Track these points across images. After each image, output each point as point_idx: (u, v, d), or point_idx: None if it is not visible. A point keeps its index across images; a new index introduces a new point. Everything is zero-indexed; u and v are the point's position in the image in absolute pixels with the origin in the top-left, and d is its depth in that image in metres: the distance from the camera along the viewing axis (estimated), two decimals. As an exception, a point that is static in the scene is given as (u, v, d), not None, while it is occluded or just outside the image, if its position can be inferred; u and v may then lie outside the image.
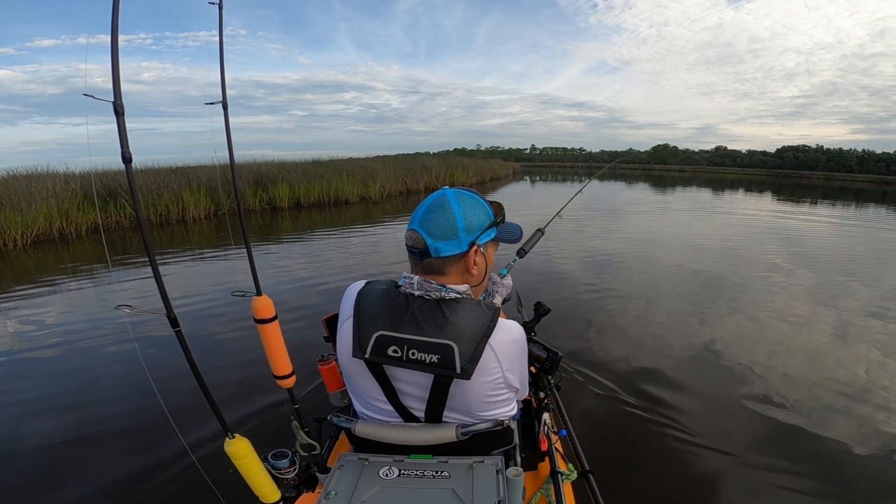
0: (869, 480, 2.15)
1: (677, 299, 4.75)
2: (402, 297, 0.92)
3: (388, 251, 7.01)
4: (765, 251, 7.42)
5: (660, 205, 15.87)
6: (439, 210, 0.93)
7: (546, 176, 37.60)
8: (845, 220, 12.72)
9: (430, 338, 0.86)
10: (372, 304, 0.93)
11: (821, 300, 4.82)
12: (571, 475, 1.29)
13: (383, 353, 0.89)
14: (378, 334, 0.89)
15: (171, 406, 2.30)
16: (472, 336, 0.87)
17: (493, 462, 0.96)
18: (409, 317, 0.88)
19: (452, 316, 0.88)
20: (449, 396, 0.92)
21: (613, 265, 6.12)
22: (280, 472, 1.14)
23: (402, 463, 0.97)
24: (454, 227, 0.92)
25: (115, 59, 0.75)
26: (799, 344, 3.67)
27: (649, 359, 3.30)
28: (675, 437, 2.40)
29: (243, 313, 3.70)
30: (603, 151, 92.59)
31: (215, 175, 10.10)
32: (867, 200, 21.08)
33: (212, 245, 7.67)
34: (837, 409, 2.71)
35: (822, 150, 68.11)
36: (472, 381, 0.89)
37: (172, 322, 0.92)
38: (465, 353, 0.86)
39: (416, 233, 0.93)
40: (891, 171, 55.67)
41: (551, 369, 1.45)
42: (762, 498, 2.03)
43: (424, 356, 0.86)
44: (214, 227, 9.25)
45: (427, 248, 0.92)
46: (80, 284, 5.25)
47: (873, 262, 7.06)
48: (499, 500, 0.87)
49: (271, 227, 9.41)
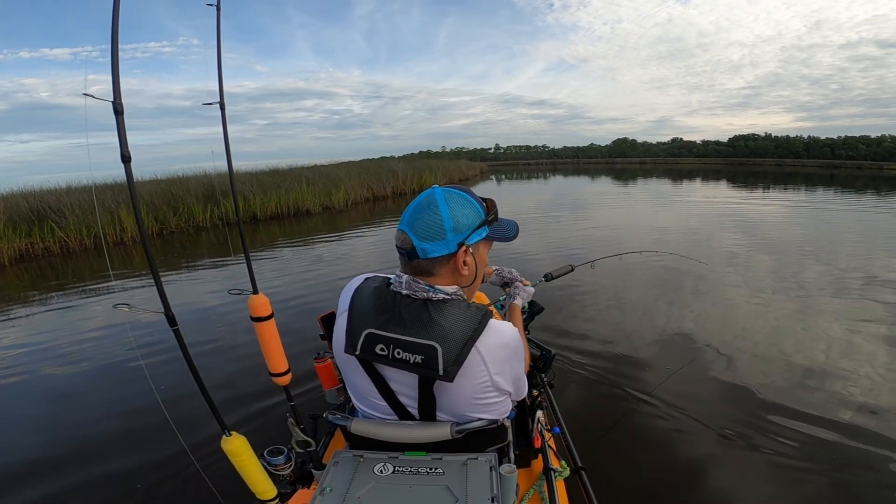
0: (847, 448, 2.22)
1: (644, 288, 4.84)
2: (390, 296, 0.92)
3: (356, 262, 6.75)
4: (723, 236, 7.68)
5: (623, 196, 16.22)
6: (427, 210, 0.92)
7: (511, 174, 38.13)
8: (798, 204, 13.42)
9: (414, 338, 0.86)
10: (364, 302, 0.94)
11: (782, 278, 4.97)
12: (564, 472, 1.33)
13: (371, 351, 0.89)
14: (367, 332, 0.90)
15: (168, 404, 2.28)
16: (457, 338, 0.86)
17: (487, 459, 0.98)
18: (396, 316, 0.89)
19: (438, 317, 0.87)
20: (436, 397, 0.92)
21: (581, 258, 6.09)
22: (276, 468, 1.15)
23: (397, 459, 0.99)
24: (441, 227, 0.91)
25: (115, 61, 0.78)
26: (764, 325, 3.70)
27: (626, 348, 3.33)
28: (663, 429, 2.40)
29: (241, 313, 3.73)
30: (566, 147, 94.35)
31: (158, 190, 9.56)
32: (816, 184, 22.21)
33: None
34: (810, 385, 2.75)
35: (770, 137, 71.86)
36: (457, 384, 0.88)
37: (170, 321, 0.93)
38: (448, 355, 0.85)
39: (404, 233, 0.93)
40: (836, 155, 59.26)
41: (544, 367, 1.48)
42: (754, 488, 2.01)
43: (409, 356, 0.87)
44: (161, 250, 8.30)
45: (414, 249, 0.91)
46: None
47: (825, 242, 7.42)
48: (492, 497, 0.88)
49: (225, 243, 8.55)
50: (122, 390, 2.97)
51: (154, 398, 2.04)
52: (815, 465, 2.11)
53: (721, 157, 67.86)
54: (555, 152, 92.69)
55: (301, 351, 2.65)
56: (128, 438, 2.40)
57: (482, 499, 0.87)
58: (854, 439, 2.27)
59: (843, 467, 2.09)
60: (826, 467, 2.09)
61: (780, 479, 2.05)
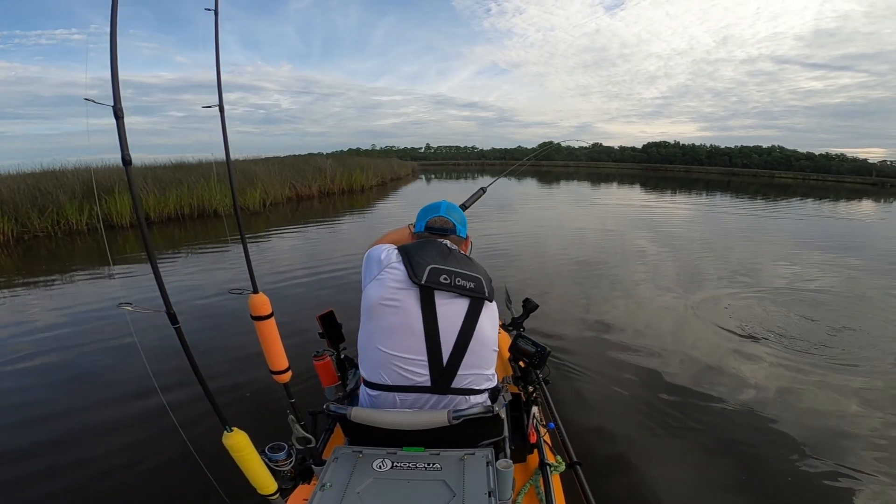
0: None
1: (567, 284, 5.06)
2: (444, 247, 1.29)
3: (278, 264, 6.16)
4: (636, 236, 8.23)
5: (546, 198, 16.89)
6: (454, 209, 1.45)
7: (441, 174, 38.47)
8: (699, 207, 14.92)
9: (468, 271, 1.21)
10: (420, 250, 1.25)
11: (684, 273, 5.35)
12: (560, 467, 1.37)
13: (436, 281, 1.17)
14: (431, 267, 1.19)
15: (170, 400, 2.28)
16: (487, 277, 1.25)
17: (484, 454, 1.04)
18: (453, 258, 1.24)
19: (475, 263, 1.28)
20: (479, 319, 1.18)
21: (507, 257, 6.45)
22: (277, 464, 1.18)
23: (395, 455, 1.05)
24: (463, 220, 1.45)
25: (115, 64, 0.78)
26: (668, 317, 3.86)
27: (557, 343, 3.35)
28: (645, 422, 2.49)
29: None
30: (494, 149, 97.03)
31: (21, 186, 8.19)
32: (715, 189, 24.70)
33: (18, 279, 6.05)
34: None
35: (679, 145, 79.28)
36: (492, 306, 1.23)
37: (172, 318, 0.96)
38: (488, 285, 1.23)
39: (446, 218, 1.39)
40: (733, 163, 66.45)
41: (539, 364, 1.54)
42: (744, 481, 2.06)
43: (466, 283, 1.19)
44: (21, 260, 6.67)
45: (455, 227, 1.39)
46: None
47: (721, 240, 8.27)
48: (489, 492, 0.92)
49: (112, 249, 7.26)
50: (123, 384, 2.93)
51: (156, 393, 2.05)
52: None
53: (637, 163, 73.28)
54: (483, 153, 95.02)
55: (299, 352, 2.54)
56: (129, 432, 2.43)
57: (479, 493, 0.91)
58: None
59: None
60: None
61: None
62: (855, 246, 8.22)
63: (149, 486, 2.06)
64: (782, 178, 48.42)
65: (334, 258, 6.28)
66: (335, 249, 7.15)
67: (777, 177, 49.73)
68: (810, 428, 2.45)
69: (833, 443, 2.33)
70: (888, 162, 61.31)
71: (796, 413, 2.59)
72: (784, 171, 57.44)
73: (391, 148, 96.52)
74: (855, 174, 52.25)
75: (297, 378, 1.60)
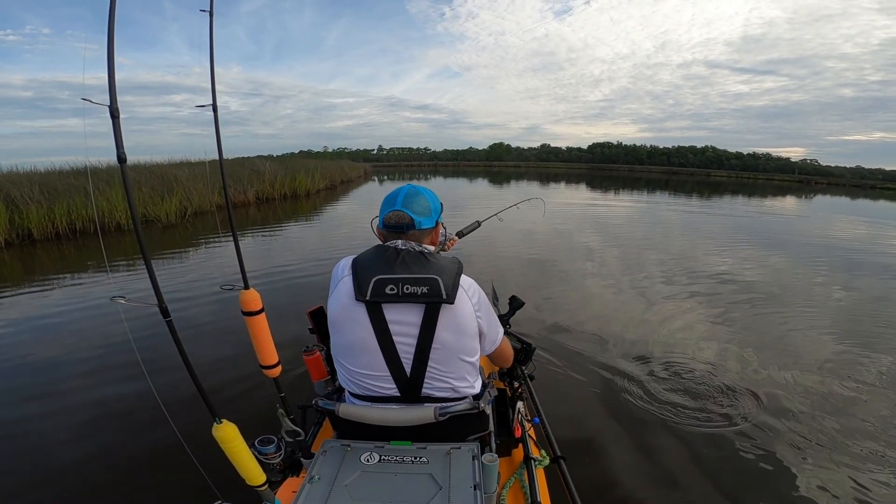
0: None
1: (520, 279, 5.34)
2: (392, 251, 1.17)
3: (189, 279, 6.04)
4: (582, 233, 8.71)
5: (497, 198, 17.24)
6: (416, 196, 1.25)
7: (394, 175, 38.27)
8: (640, 204, 15.92)
9: (419, 274, 1.11)
10: (367, 259, 1.18)
11: (628, 267, 5.76)
12: (544, 461, 1.41)
13: (381, 293, 1.10)
14: (376, 279, 1.11)
15: (161, 392, 2.31)
16: (449, 273, 1.14)
17: (470, 448, 1.05)
18: (401, 262, 1.13)
19: (433, 260, 1.16)
20: (437, 326, 1.12)
21: (463, 258, 6.45)
22: (266, 457, 1.20)
23: (383, 449, 1.07)
24: (429, 208, 1.26)
25: (111, 65, 0.81)
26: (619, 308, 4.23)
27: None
28: (631, 418, 2.57)
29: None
30: (446, 150, 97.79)
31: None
32: (656, 188, 26.24)
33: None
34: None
35: (621, 146, 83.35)
36: (455, 307, 1.12)
37: (164, 312, 0.97)
38: (447, 283, 1.11)
39: (402, 212, 1.21)
40: (671, 162, 70.76)
41: (525, 360, 1.58)
42: (731, 476, 2.14)
43: (416, 289, 1.10)
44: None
45: (412, 222, 1.21)
46: None
47: (660, 235, 8.95)
48: (475, 485, 0.94)
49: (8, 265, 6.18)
50: (116, 377, 2.97)
51: (147, 386, 2.07)
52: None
53: (583, 163, 76.34)
54: (436, 155, 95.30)
55: (289, 347, 2.65)
56: (120, 423, 2.48)
57: (465, 486, 0.93)
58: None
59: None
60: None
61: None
62: (778, 241, 9.15)
63: (138, 476, 2.09)
64: (717, 176, 52.35)
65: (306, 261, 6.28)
66: (294, 254, 7.12)
67: (712, 175, 53.74)
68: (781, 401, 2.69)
69: (802, 410, 2.57)
70: (808, 160, 69.05)
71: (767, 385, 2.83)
72: (717, 170, 61.97)
73: (343, 150, 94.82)
74: (780, 172, 57.60)
75: (287, 373, 1.65)
